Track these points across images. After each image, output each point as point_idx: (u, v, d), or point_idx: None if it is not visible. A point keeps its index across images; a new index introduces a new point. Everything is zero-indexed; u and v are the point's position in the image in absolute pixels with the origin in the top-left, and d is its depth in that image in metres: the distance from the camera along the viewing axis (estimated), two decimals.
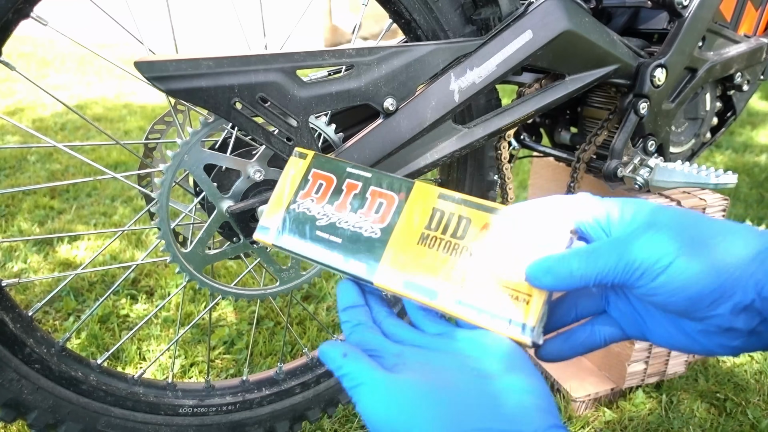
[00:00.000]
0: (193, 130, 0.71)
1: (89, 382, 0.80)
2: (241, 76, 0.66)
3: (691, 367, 1.34)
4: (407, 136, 0.76)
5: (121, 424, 0.83)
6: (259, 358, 1.34)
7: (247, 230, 0.76)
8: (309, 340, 1.40)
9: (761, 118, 3.40)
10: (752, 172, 2.53)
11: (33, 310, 0.78)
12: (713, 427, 1.17)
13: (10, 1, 0.63)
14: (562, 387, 1.23)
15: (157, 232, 0.74)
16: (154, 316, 1.46)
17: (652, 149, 1.10)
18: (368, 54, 0.72)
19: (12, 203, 2.09)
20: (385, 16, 0.81)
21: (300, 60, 0.69)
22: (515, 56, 0.78)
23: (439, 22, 0.80)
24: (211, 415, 0.89)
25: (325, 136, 0.76)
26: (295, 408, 0.94)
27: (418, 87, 0.76)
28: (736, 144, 2.92)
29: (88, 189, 2.24)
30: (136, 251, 1.79)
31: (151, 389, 0.86)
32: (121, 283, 1.42)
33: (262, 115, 0.69)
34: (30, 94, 3.84)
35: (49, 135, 2.94)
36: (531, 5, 0.79)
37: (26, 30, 1.08)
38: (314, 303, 1.57)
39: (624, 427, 1.17)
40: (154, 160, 0.91)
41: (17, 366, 0.75)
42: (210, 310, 0.93)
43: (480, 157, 0.94)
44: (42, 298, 1.32)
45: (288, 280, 0.85)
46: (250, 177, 0.75)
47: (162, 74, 0.63)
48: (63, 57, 5.56)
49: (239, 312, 1.52)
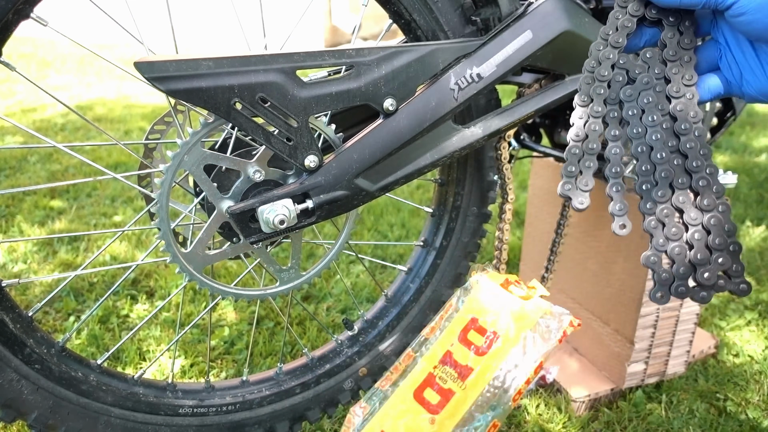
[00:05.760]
0: (193, 131, 0.71)
1: (89, 383, 0.80)
2: (241, 76, 0.66)
3: (691, 367, 1.34)
4: (407, 136, 0.76)
5: (121, 424, 0.83)
6: (259, 359, 1.34)
7: (247, 230, 0.76)
8: (309, 340, 1.40)
9: (761, 119, 3.41)
10: (752, 172, 2.53)
11: (33, 311, 0.78)
12: (713, 427, 1.17)
13: (10, 1, 0.63)
14: (562, 387, 1.23)
15: (157, 233, 0.74)
16: (154, 316, 1.46)
17: None
18: (368, 54, 0.72)
19: (12, 203, 2.09)
20: (385, 17, 0.81)
21: (300, 60, 0.69)
22: (515, 56, 0.78)
23: (439, 23, 0.80)
24: (211, 415, 0.89)
25: (325, 136, 0.76)
26: (295, 408, 0.94)
27: (418, 87, 0.76)
28: (736, 144, 2.92)
29: (88, 189, 2.25)
30: (137, 251, 1.79)
31: (151, 389, 0.86)
32: (121, 284, 1.42)
33: (262, 116, 0.69)
34: (30, 94, 3.84)
35: (50, 135, 2.94)
36: (531, 5, 0.79)
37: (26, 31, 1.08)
38: (314, 303, 1.57)
39: (624, 427, 1.17)
40: (154, 160, 0.91)
41: (17, 366, 0.75)
42: (210, 311, 0.93)
43: (480, 157, 0.94)
44: (42, 299, 1.32)
45: (288, 280, 0.85)
46: (250, 177, 0.75)
47: (162, 74, 0.63)
48: (63, 58, 5.57)
49: (239, 312, 1.52)
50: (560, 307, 0.84)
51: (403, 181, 0.79)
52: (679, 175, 0.59)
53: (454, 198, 0.96)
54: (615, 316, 1.25)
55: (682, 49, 0.60)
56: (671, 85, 0.60)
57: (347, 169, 0.75)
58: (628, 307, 1.21)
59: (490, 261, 0.98)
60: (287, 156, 0.72)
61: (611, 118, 0.61)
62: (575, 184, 0.60)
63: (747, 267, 1.78)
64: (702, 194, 0.59)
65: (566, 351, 1.36)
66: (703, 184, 0.59)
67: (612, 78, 0.61)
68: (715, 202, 0.59)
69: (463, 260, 1.00)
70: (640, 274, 1.16)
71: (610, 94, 0.61)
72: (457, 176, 0.95)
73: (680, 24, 0.60)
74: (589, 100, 0.61)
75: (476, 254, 1.02)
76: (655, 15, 0.60)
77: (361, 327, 0.99)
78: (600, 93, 0.61)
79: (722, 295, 1.65)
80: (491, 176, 0.96)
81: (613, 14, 0.61)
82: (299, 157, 0.72)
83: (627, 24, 0.61)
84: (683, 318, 1.25)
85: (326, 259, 0.87)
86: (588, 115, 0.61)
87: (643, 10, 0.61)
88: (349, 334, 0.99)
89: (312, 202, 0.74)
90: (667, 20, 0.60)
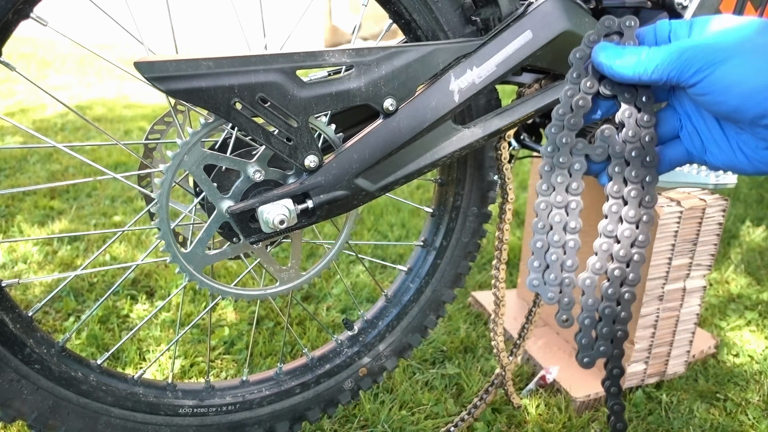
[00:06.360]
0: (193, 131, 0.71)
1: (89, 383, 0.80)
2: (241, 76, 0.66)
3: (691, 367, 1.34)
4: (407, 137, 0.76)
5: (121, 424, 0.83)
6: (259, 359, 1.34)
7: (247, 230, 0.76)
8: (309, 340, 1.40)
9: None
10: None
11: (33, 311, 0.78)
12: (713, 427, 1.17)
13: (10, 1, 0.63)
14: (562, 387, 1.24)
15: (157, 233, 0.74)
16: (154, 316, 1.46)
17: None
18: (368, 54, 0.72)
19: (12, 203, 2.09)
20: (385, 17, 0.81)
21: (300, 60, 0.69)
22: (515, 56, 0.77)
23: (439, 23, 0.80)
24: (211, 415, 0.89)
25: (325, 136, 0.76)
26: (295, 408, 0.94)
27: (418, 87, 0.76)
28: None
29: (88, 189, 2.25)
30: (137, 251, 1.79)
31: (151, 389, 0.86)
32: (121, 284, 1.42)
33: (262, 116, 0.69)
34: (30, 94, 3.84)
35: (50, 135, 2.94)
36: (531, 5, 0.79)
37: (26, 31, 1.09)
38: (314, 303, 1.57)
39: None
40: (154, 160, 0.91)
41: (17, 366, 0.75)
42: (210, 311, 0.93)
43: (480, 157, 0.94)
44: (42, 299, 1.32)
45: (288, 280, 0.85)
46: (250, 177, 0.75)
47: (162, 74, 0.63)
48: (63, 58, 5.57)
49: (239, 312, 1.52)
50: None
51: (403, 181, 0.79)
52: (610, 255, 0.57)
53: (454, 198, 0.96)
54: None
55: (640, 127, 0.56)
56: (629, 168, 0.57)
57: (347, 169, 0.75)
58: None
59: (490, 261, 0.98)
60: (287, 156, 0.72)
61: (572, 209, 0.58)
62: (543, 278, 0.57)
63: (747, 267, 1.78)
64: (612, 282, 0.57)
65: (566, 351, 1.36)
66: (617, 274, 0.57)
67: (571, 165, 0.58)
68: (620, 292, 0.57)
69: (463, 260, 1.00)
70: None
71: (571, 182, 0.58)
72: (457, 176, 0.95)
73: (637, 99, 0.56)
74: (551, 189, 0.58)
75: (476, 254, 1.02)
76: (610, 91, 0.57)
77: (361, 327, 0.99)
78: (560, 182, 0.58)
79: (722, 295, 1.65)
80: (491, 176, 0.96)
81: (565, 92, 0.58)
82: (299, 157, 0.72)
83: (582, 104, 0.57)
84: (683, 318, 1.25)
85: (326, 259, 0.87)
86: (551, 206, 0.57)
87: (598, 86, 0.57)
88: (349, 334, 0.99)
89: (312, 202, 0.74)
90: (623, 96, 0.56)
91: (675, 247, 1.15)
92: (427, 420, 1.17)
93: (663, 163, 0.57)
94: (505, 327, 1.44)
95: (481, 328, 1.48)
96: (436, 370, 1.32)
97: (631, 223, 0.57)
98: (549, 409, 1.21)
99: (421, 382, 1.28)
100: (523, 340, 1.12)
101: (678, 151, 0.57)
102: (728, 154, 0.52)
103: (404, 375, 1.30)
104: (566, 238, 0.57)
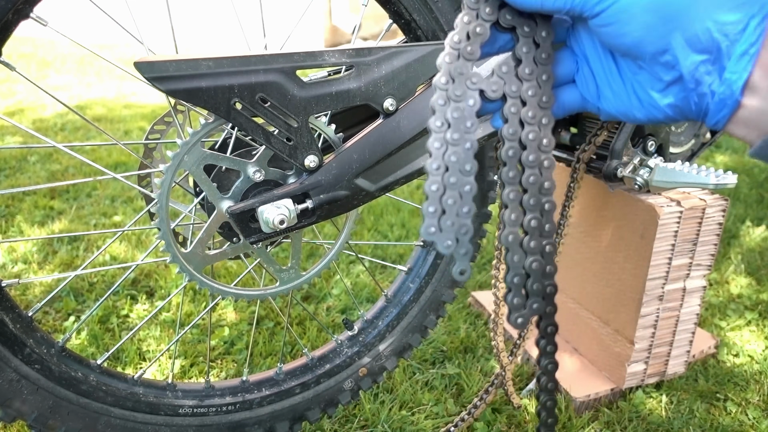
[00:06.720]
0: (193, 131, 0.71)
1: (89, 383, 0.80)
2: (241, 76, 0.66)
3: (691, 367, 1.34)
4: (407, 136, 0.76)
5: (121, 424, 0.83)
6: (259, 359, 1.34)
7: (247, 230, 0.76)
8: (309, 340, 1.40)
9: None
10: (752, 172, 2.53)
11: (33, 311, 0.78)
12: (713, 427, 1.17)
13: (10, 1, 0.63)
14: (562, 387, 1.23)
15: (157, 233, 0.74)
16: (154, 316, 1.46)
17: (651, 149, 1.10)
18: (368, 54, 0.72)
19: (12, 203, 2.09)
20: (385, 17, 0.81)
21: (300, 60, 0.69)
22: None
23: (439, 22, 0.80)
24: (211, 415, 0.89)
25: (325, 136, 0.76)
26: (294, 408, 0.94)
27: (418, 87, 0.76)
28: (736, 144, 2.92)
29: (88, 189, 2.25)
30: (137, 251, 1.79)
31: (151, 389, 0.86)
32: (121, 284, 1.42)
33: (262, 116, 0.69)
34: (30, 94, 3.84)
35: (50, 135, 2.94)
36: None
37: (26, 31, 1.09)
38: (314, 303, 1.57)
39: (624, 427, 1.17)
40: (154, 160, 0.91)
41: (17, 366, 0.75)
42: (210, 311, 0.93)
43: (480, 157, 0.94)
44: (42, 299, 1.32)
45: (288, 280, 0.85)
46: (250, 177, 0.75)
47: (162, 74, 0.63)
48: (63, 58, 5.57)
49: (239, 312, 1.52)
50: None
51: (404, 181, 0.79)
52: (514, 210, 0.54)
53: None
54: (615, 316, 1.25)
55: (538, 65, 0.53)
56: (526, 108, 0.53)
57: (347, 169, 0.75)
58: (628, 307, 1.21)
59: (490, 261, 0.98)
60: (287, 156, 0.72)
61: (466, 149, 0.53)
62: (439, 225, 0.51)
63: (747, 267, 1.78)
64: (531, 234, 0.54)
65: (566, 351, 1.36)
66: (534, 225, 0.54)
67: (465, 100, 0.52)
68: (541, 245, 0.54)
69: None
70: (640, 274, 1.16)
71: (466, 120, 0.53)
72: None
73: (536, 34, 0.53)
74: (446, 125, 0.52)
75: (476, 254, 1.02)
76: (510, 21, 0.53)
77: (361, 327, 0.99)
78: (456, 117, 0.52)
79: (722, 295, 1.65)
80: (491, 176, 0.96)
81: (461, 17, 0.53)
82: (299, 157, 0.72)
83: (479, 31, 0.52)
84: (683, 318, 1.25)
85: (326, 259, 0.87)
86: (446, 144, 0.52)
87: (497, 14, 0.53)
88: (349, 334, 0.99)
89: (312, 202, 0.74)
90: (522, 30, 0.53)
91: (675, 247, 1.15)
92: (427, 420, 1.17)
93: (557, 106, 0.55)
94: (505, 327, 1.44)
95: (481, 328, 1.48)
96: (436, 370, 1.32)
97: (533, 168, 0.54)
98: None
99: (421, 382, 1.28)
100: (523, 340, 1.12)
101: (572, 95, 0.55)
102: (622, 97, 0.51)
103: (404, 375, 1.30)
104: (463, 180, 0.52)
